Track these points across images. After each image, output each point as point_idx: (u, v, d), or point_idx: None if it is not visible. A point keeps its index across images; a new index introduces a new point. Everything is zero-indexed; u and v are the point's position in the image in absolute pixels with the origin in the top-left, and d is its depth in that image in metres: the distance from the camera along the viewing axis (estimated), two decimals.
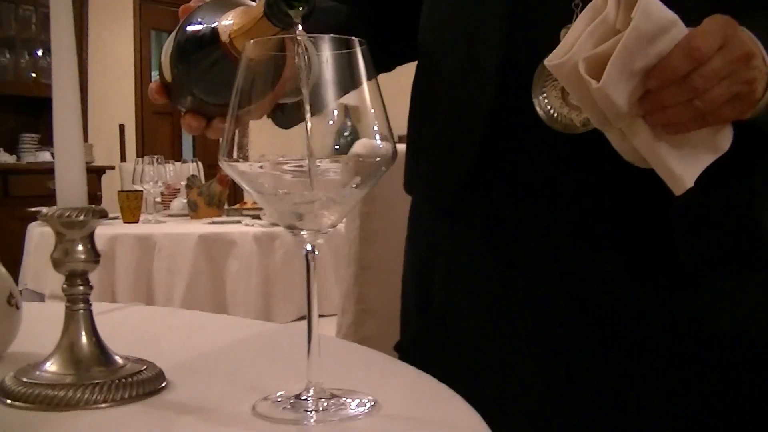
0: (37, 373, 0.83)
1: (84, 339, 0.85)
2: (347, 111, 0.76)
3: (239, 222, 3.70)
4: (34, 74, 7.57)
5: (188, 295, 3.19)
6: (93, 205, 0.85)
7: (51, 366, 0.84)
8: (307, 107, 0.74)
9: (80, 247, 0.85)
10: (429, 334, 1.33)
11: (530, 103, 1.12)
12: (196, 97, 0.98)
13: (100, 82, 7.98)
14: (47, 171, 6.95)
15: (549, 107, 1.10)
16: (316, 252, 0.80)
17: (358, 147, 0.76)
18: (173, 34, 0.99)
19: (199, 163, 5.35)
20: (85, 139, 5.05)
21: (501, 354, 1.22)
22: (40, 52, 7.59)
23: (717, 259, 1.13)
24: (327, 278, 3.24)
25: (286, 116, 0.78)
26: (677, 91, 0.92)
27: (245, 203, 4.35)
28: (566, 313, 1.16)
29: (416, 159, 1.33)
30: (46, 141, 7.64)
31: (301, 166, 0.74)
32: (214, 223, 3.78)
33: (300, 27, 0.81)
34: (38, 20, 7.50)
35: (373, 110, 0.77)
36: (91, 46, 7.90)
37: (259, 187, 0.77)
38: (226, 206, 4.25)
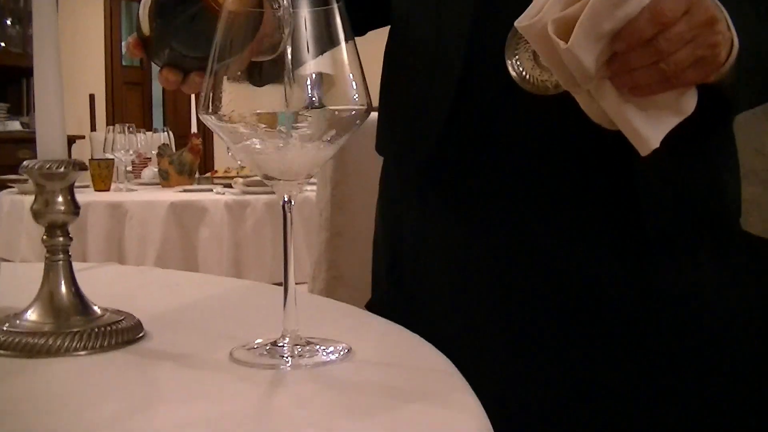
0: (17, 322, 0.85)
1: (63, 289, 0.87)
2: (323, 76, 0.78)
3: (211, 191, 3.70)
4: (3, 44, 7.49)
5: (159, 262, 3.19)
6: (73, 158, 0.87)
7: (31, 315, 0.86)
8: (288, 58, 0.76)
9: (60, 199, 0.86)
10: (397, 294, 1.34)
11: (501, 67, 1.13)
12: (175, 51, 0.99)
13: (70, 52, 7.91)
14: (16, 140, 6.91)
15: (521, 69, 1.11)
16: (293, 202, 0.81)
17: (333, 99, 0.78)
18: None
19: (170, 133, 5.34)
20: None
21: (467, 315, 1.23)
22: (9, 21, 7.51)
23: (682, 225, 1.15)
24: (298, 247, 3.24)
25: (262, 74, 0.80)
26: (643, 53, 0.94)
27: (216, 172, 4.34)
28: (531, 281, 1.17)
29: (388, 122, 1.35)
30: (16, 110, 7.59)
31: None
32: (185, 191, 3.77)
33: None
34: None
35: (349, 67, 0.78)
36: (60, 15, 7.74)
37: (237, 138, 0.78)
38: (197, 175, 4.24)
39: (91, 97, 7.98)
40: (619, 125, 1.00)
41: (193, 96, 1.09)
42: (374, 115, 1.15)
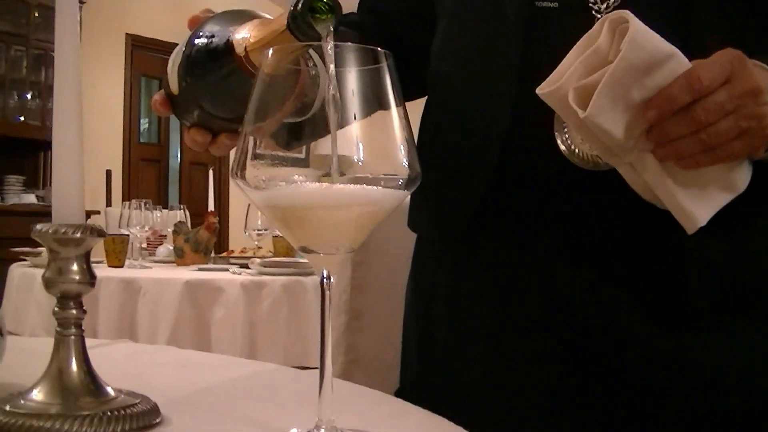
0: (22, 401, 0.77)
1: (74, 366, 0.79)
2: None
3: (227, 270, 3.65)
4: (22, 117, 7.53)
5: (172, 340, 3.13)
6: (90, 223, 0.80)
7: (37, 394, 0.78)
8: (334, 121, 0.69)
9: (75, 267, 0.79)
10: (431, 376, 1.30)
11: (542, 138, 1.10)
12: (204, 111, 0.94)
13: (88, 127, 7.94)
14: (31, 213, 6.91)
15: (570, 143, 1.08)
16: (332, 280, 0.74)
17: (381, 166, 0.71)
18: (181, 45, 0.95)
19: (186, 210, 5.31)
20: None
21: (504, 393, 1.19)
22: (29, 95, 7.56)
23: (729, 301, 1.10)
24: (315, 330, 3.19)
25: (290, 136, 0.73)
26: (679, 122, 0.91)
27: (232, 251, 4.30)
28: (571, 352, 1.14)
29: (423, 194, 1.31)
30: (31, 183, 7.61)
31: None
32: (200, 270, 3.73)
33: (330, 43, 0.76)
34: (29, 62, 7.48)
35: (400, 131, 0.72)
36: None
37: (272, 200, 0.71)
38: (212, 254, 4.20)
39: (108, 173, 7.98)
40: (662, 199, 0.97)
41: (210, 173, 1.04)
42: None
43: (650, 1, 1.07)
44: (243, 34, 0.89)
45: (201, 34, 0.93)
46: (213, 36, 0.92)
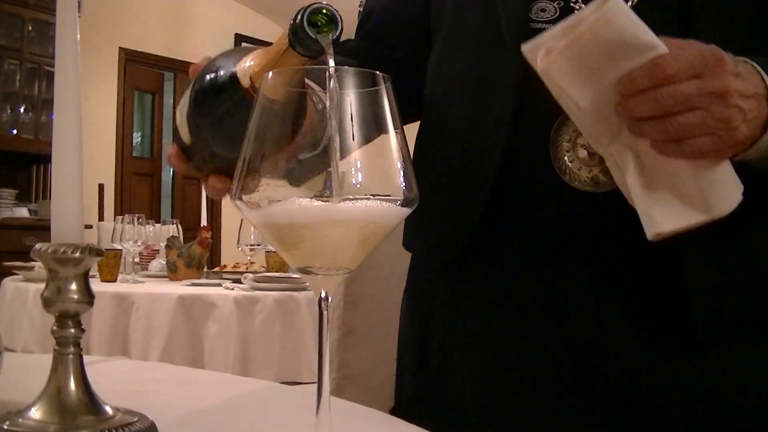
0: (20, 420, 0.77)
1: (72, 385, 0.79)
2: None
3: (219, 285, 3.64)
4: (15, 131, 7.52)
5: (165, 355, 3.12)
6: (89, 243, 0.80)
7: (35, 413, 0.78)
8: (336, 146, 0.69)
9: (74, 287, 0.79)
10: (427, 395, 1.29)
11: (539, 160, 1.10)
12: (218, 155, 0.94)
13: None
14: (23, 227, 6.90)
15: (564, 167, 1.08)
16: (330, 299, 0.74)
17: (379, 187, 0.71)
18: (187, 92, 0.95)
19: (179, 225, 5.30)
20: None
21: (501, 414, 1.18)
22: (22, 108, 7.56)
23: (734, 326, 1.10)
24: (308, 345, 3.18)
25: (301, 170, 0.73)
26: (642, 101, 0.91)
27: (225, 266, 4.29)
28: (568, 375, 1.13)
29: (418, 215, 1.31)
30: (24, 197, 7.60)
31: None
32: (193, 284, 3.72)
33: (330, 51, 0.76)
34: (23, 76, 7.48)
35: (398, 154, 0.72)
36: None
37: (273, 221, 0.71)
38: (205, 269, 4.19)
39: (101, 187, 7.98)
40: (633, 197, 0.97)
41: (203, 188, 1.03)
42: None
43: (650, 1, 1.07)
44: (246, 64, 0.89)
45: (204, 74, 0.93)
46: (216, 71, 0.91)
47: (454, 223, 1.21)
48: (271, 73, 0.73)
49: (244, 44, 9.16)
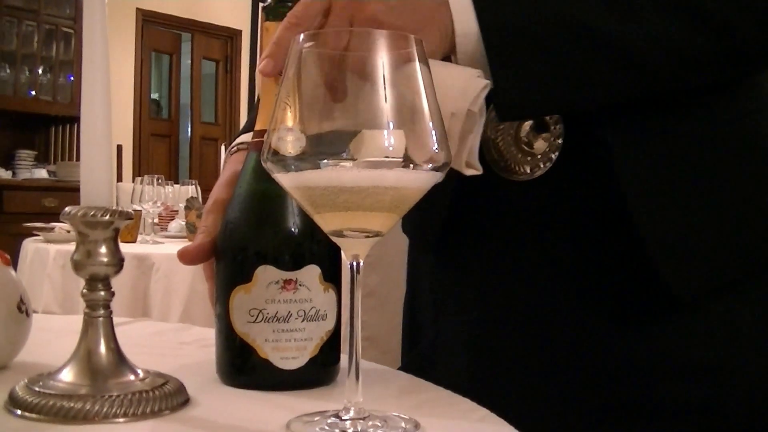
0: (51, 382, 0.77)
1: (103, 348, 0.79)
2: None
3: None
4: (33, 92, 7.53)
5: (185, 317, 3.13)
6: (119, 207, 0.80)
7: (66, 375, 0.78)
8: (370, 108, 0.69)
9: (104, 249, 0.80)
10: (418, 367, 1.29)
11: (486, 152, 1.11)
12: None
13: None
14: (42, 188, 6.93)
15: (497, 156, 1.11)
16: (361, 263, 0.74)
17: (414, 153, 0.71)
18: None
19: (198, 186, 5.30)
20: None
21: (488, 400, 1.17)
22: (40, 70, 7.56)
23: (709, 274, 1.07)
24: None
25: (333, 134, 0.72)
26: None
27: None
28: (554, 346, 1.12)
29: None
30: (42, 158, 7.63)
31: None
32: None
33: None
34: (40, 37, 7.47)
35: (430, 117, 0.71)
36: None
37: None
38: None
39: (119, 148, 7.99)
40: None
41: (222, 148, 1.02)
42: None
43: None
44: None
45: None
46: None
47: (427, 214, 1.20)
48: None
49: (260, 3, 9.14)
